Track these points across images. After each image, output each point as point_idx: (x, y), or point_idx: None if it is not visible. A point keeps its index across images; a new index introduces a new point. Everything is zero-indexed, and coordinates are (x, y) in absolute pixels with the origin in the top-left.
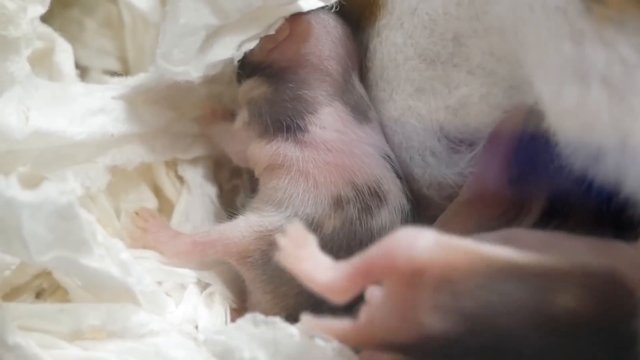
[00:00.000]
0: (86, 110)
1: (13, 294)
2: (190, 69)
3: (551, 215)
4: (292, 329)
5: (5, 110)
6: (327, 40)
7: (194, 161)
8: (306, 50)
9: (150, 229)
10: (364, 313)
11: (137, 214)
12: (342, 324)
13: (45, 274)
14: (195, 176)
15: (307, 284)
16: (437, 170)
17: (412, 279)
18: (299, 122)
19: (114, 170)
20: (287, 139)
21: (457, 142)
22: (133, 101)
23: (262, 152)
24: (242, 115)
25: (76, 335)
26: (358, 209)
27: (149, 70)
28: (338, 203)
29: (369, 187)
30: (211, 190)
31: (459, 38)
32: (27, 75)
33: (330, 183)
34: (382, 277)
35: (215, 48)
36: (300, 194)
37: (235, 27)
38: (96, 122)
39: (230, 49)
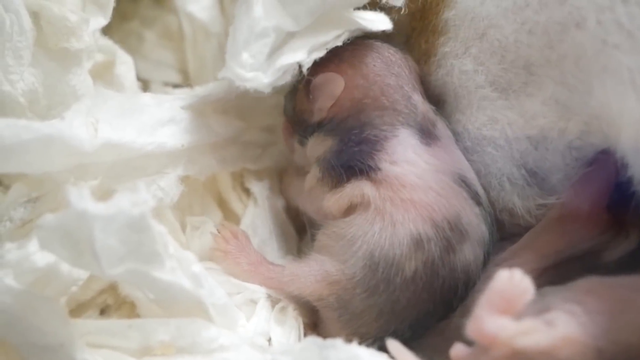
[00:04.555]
0: (155, 120)
1: (78, 310)
2: (260, 74)
3: None
4: (359, 351)
5: (73, 122)
6: (379, 75)
7: (260, 174)
8: (362, 94)
9: (232, 253)
10: None
11: (218, 231)
12: None
13: (110, 289)
14: (262, 189)
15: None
16: (509, 197)
17: None
18: (369, 163)
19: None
20: (360, 180)
21: (532, 174)
22: (202, 111)
23: (340, 198)
24: (314, 173)
25: (145, 352)
26: (440, 247)
27: (218, 76)
28: (418, 243)
29: (449, 222)
30: (278, 203)
31: (530, 67)
32: (89, 88)
33: (409, 222)
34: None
35: (285, 52)
36: (376, 233)
37: (305, 32)
38: (166, 132)
39: (300, 53)
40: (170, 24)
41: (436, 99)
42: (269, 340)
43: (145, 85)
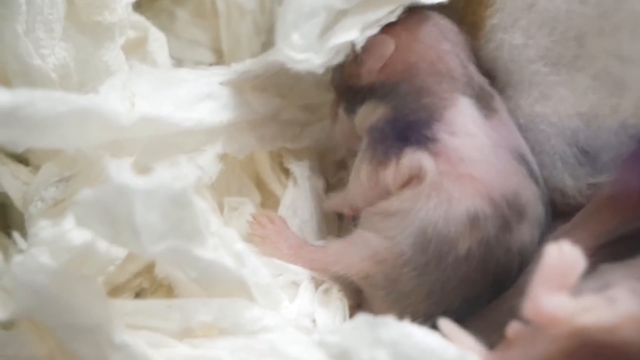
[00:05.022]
0: (193, 96)
1: (112, 293)
2: (312, 55)
3: None
4: (411, 328)
5: (109, 96)
6: (435, 40)
7: (299, 153)
8: (416, 58)
9: (270, 237)
10: (501, 351)
11: (254, 218)
12: (478, 347)
13: (146, 272)
14: (302, 169)
15: None
16: (561, 176)
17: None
18: (427, 133)
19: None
20: (417, 150)
21: (583, 153)
22: (240, 88)
23: (399, 170)
24: (363, 146)
25: (185, 333)
26: (496, 226)
27: (268, 56)
28: (474, 221)
29: (507, 200)
30: (318, 184)
31: (582, 38)
32: (123, 64)
33: (466, 198)
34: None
35: (337, 31)
36: (430, 209)
37: (357, 10)
38: (204, 108)
39: (353, 31)
40: (203, 1)
41: (487, 74)
42: (314, 322)
43: (177, 64)
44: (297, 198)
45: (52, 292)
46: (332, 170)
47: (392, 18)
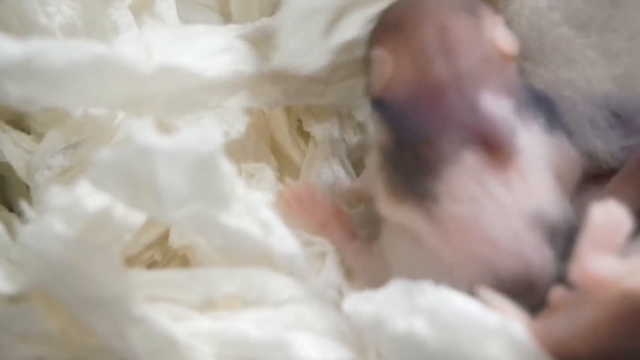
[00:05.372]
0: (212, 48)
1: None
2: (314, 57)
3: None
4: (450, 295)
5: (125, 48)
6: (431, 62)
7: (319, 115)
8: (408, 84)
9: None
10: (545, 318)
11: (280, 195)
12: (520, 313)
13: (158, 244)
14: (322, 131)
15: None
16: (591, 141)
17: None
18: (427, 188)
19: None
20: (416, 206)
21: (615, 116)
22: (258, 43)
23: (394, 215)
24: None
25: (208, 305)
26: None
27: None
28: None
29: (513, 277)
30: (341, 148)
31: None
32: (131, 25)
33: (467, 272)
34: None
35: (339, 29)
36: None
37: (358, 4)
38: (224, 60)
39: (355, 28)
40: None
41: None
42: (341, 293)
43: None
44: (320, 161)
45: (66, 262)
46: (351, 133)
47: None
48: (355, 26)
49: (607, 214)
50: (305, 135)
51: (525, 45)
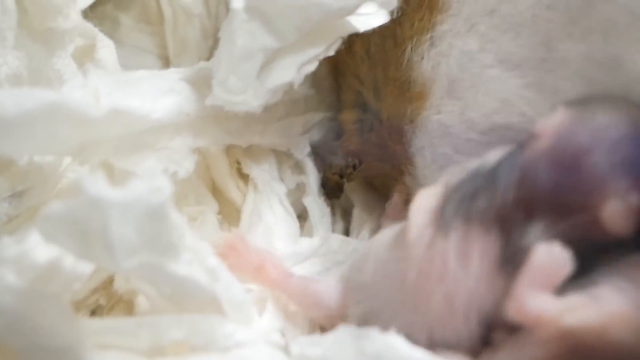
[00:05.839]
0: (155, 90)
1: None
2: (249, 96)
3: None
4: (396, 341)
5: (74, 93)
6: None
7: (257, 158)
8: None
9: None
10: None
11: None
12: (463, 357)
13: (102, 288)
14: (261, 173)
15: None
16: None
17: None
18: None
19: None
20: None
21: None
22: (200, 85)
23: None
24: None
25: (157, 351)
26: None
27: (205, 103)
28: None
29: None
30: (279, 189)
31: (550, 43)
32: (74, 73)
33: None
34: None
35: (274, 72)
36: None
37: (293, 48)
38: (169, 101)
39: (290, 71)
40: (148, 6)
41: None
42: (284, 336)
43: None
44: (260, 203)
45: (19, 312)
46: (289, 175)
47: (331, 52)
48: (289, 69)
49: (550, 255)
50: (245, 177)
51: (453, 85)
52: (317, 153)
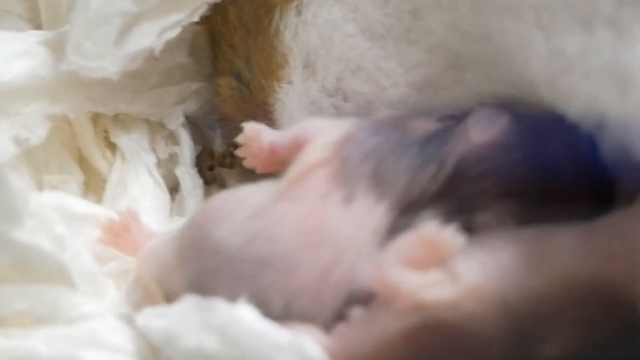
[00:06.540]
0: (8, 52)
1: None
2: (106, 63)
3: None
4: (242, 313)
5: None
6: None
7: (127, 126)
8: None
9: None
10: (340, 332)
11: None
12: (314, 329)
13: None
14: (130, 143)
15: None
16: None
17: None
18: None
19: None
20: None
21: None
22: (60, 49)
23: None
24: None
25: None
26: None
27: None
28: None
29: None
30: (149, 159)
31: (418, 12)
32: None
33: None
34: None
35: (133, 37)
36: None
37: (154, 12)
38: (22, 64)
39: (150, 37)
40: None
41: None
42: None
43: None
44: (127, 174)
45: None
46: (162, 145)
47: (195, 18)
48: (149, 35)
49: (434, 234)
50: (114, 147)
51: (309, 56)
52: (196, 127)
